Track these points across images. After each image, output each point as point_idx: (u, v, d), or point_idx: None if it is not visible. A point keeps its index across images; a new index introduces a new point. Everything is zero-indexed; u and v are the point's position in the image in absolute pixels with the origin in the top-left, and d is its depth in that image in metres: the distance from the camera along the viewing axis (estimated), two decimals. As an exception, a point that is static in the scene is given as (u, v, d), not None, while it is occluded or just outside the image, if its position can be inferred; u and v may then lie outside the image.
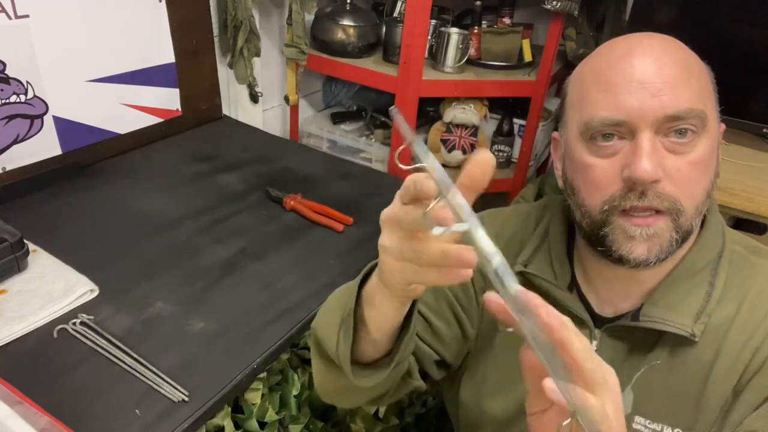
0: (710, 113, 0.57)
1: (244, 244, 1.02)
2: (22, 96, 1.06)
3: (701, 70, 0.59)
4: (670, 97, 0.54)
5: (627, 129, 0.56)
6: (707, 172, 0.58)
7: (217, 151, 1.35)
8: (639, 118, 0.54)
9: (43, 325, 0.80)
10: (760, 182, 1.39)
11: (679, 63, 0.56)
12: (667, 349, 0.62)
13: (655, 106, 0.54)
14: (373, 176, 1.37)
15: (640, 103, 0.54)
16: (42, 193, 1.11)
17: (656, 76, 0.55)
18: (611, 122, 0.56)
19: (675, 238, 0.57)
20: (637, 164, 0.54)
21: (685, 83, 0.55)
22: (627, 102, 0.55)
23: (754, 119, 1.54)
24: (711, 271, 0.62)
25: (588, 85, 0.59)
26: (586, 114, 0.58)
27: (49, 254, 0.93)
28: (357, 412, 1.01)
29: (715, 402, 0.59)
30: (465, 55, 1.55)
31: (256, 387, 0.82)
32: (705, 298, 0.60)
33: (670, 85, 0.54)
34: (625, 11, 1.77)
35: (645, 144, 0.54)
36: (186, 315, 0.86)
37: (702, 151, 0.56)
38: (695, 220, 0.58)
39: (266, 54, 1.62)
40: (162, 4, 1.27)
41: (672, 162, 0.55)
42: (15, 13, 1.01)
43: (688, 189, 0.56)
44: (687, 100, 0.55)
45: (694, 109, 0.55)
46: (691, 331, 0.59)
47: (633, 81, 0.55)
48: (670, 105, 0.54)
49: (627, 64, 0.56)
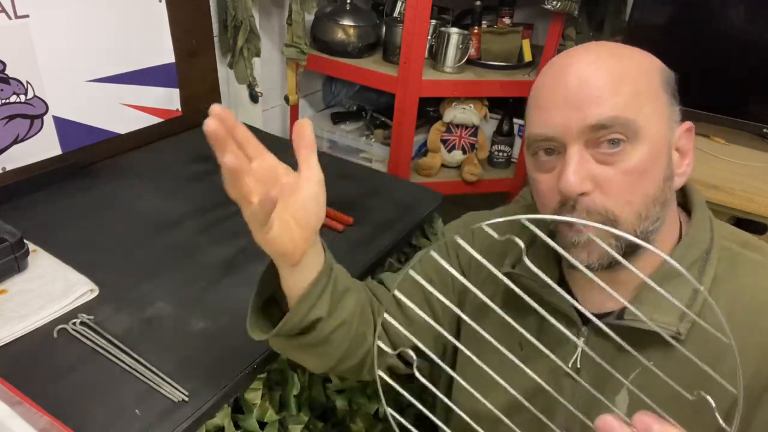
0: (646, 119, 0.57)
1: (244, 244, 1.02)
2: (22, 96, 1.06)
3: (641, 76, 0.58)
4: (593, 108, 0.55)
5: (559, 143, 0.58)
6: (646, 179, 0.58)
7: (217, 151, 1.35)
8: (565, 133, 0.57)
9: (43, 325, 0.80)
10: (760, 182, 1.39)
11: (606, 74, 0.57)
12: (659, 349, 0.61)
13: (579, 118, 0.55)
14: (373, 176, 1.37)
15: (566, 118, 0.56)
16: (42, 193, 1.11)
17: (580, 90, 0.56)
18: (542, 137, 0.59)
19: (615, 245, 0.57)
20: (563, 177, 0.56)
21: (612, 93, 0.56)
22: (554, 119, 0.57)
23: (754, 119, 1.54)
24: (698, 269, 0.62)
25: (530, 105, 0.62)
26: (528, 130, 0.61)
27: (49, 254, 0.93)
28: (357, 412, 1.01)
29: (716, 403, 0.59)
30: (465, 55, 1.55)
31: (256, 387, 0.82)
32: (692, 297, 0.60)
33: (593, 97, 0.55)
34: (625, 11, 1.77)
35: (572, 157, 0.56)
36: (186, 315, 0.86)
37: (636, 159, 0.56)
38: (640, 225, 0.58)
39: (266, 54, 1.62)
40: (162, 4, 1.27)
41: (602, 172, 0.56)
42: (15, 13, 1.01)
43: (623, 197, 0.57)
44: (611, 109, 0.55)
45: (619, 117, 0.55)
46: (676, 330, 0.59)
47: (559, 98, 0.57)
48: (591, 115, 0.55)
49: (557, 82, 0.58)
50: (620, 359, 0.63)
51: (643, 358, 0.54)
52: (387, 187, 1.27)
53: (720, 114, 1.54)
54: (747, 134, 1.59)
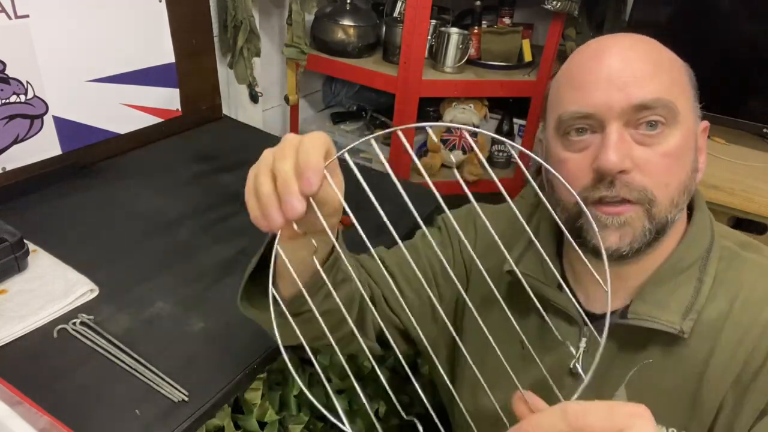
0: (682, 107, 0.57)
1: (244, 244, 1.02)
2: (22, 96, 1.06)
3: (674, 67, 0.59)
4: (636, 88, 0.55)
5: (596, 122, 0.57)
6: (681, 164, 0.58)
7: (217, 151, 1.35)
8: (606, 110, 0.56)
9: (43, 325, 0.80)
10: (760, 182, 1.39)
11: (647, 58, 0.57)
12: (659, 347, 0.61)
13: (621, 98, 0.55)
14: (373, 176, 1.37)
15: (608, 97, 0.56)
16: (42, 193, 1.11)
17: (623, 71, 0.56)
18: (580, 115, 0.58)
19: (648, 228, 0.57)
20: (603, 155, 0.55)
21: (653, 76, 0.56)
22: (594, 96, 0.57)
23: (754, 119, 1.54)
24: (699, 267, 0.62)
25: (562, 86, 0.61)
26: (560, 110, 0.60)
27: (49, 254, 0.93)
28: (357, 412, 1.01)
29: (711, 401, 0.59)
30: (465, 55, 1.55)
31: (256, 387, 0.82)
32: (693, 295, 0.60)
33: (637, 79, 0.56)
34: (625, 11, 1.77)
35: (612, 135, 0.56)
36: (186, 315, 0.86)
37: (674, 143, 0.57)
38: (671, 212, 0.58)
39: (266, 54, 1.62)
40: (162, 4, 1.27)
41: (641, 153, 0.56)
42: (15, 13, 1.01)
43: (661, 179, 0.57)
44: (654, 91, 0.55)
45: (662, 99, 0.55)
46: (679, 328, 0.59)
47: (601, 78, 0.57)
48: (636, 95, 0.55)
49: (596, 63, 0.58)
50: (620, 357, 0.63)
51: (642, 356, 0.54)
52: (387, 187, 1.26)
53: (720, 114, 1.54)
54: (747, 134, 1.59)
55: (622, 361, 0.63)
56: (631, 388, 0.63)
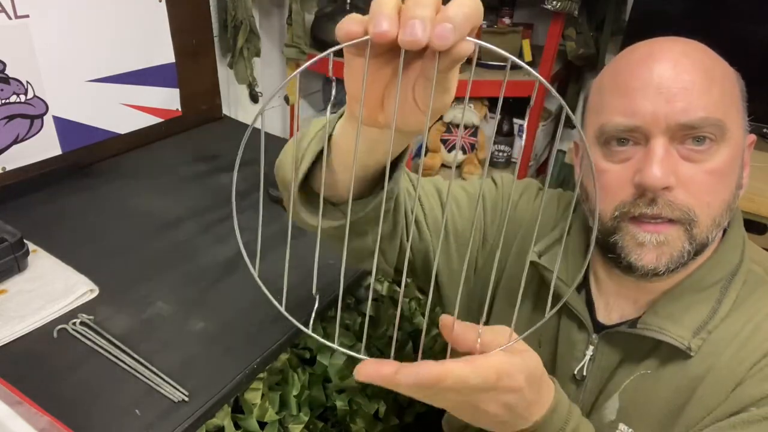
0: (731, 122, 0.55)
1: (244, 244, 1.02)
2: (22, 96, 1.06)
3: (726, 78, 0.56)
4: (684, 104, 0.52)
5: (641, 134, 0.54)
6: (726, 183, 0.56)
7: (217, 151, 1.35)
8: (652, 124, 0.53)
9: (43, 325, 0.80)
10: (760, 182, 1.39)
11: (699, 69, 0.54)
12: (659, 360, 0.60)
13: (669, 113, 0.52)
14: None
15: (655, 109, 0.53)
16: (42, 193, 1.11)
17: (673, 82, 0.53)
18: (625, 128, 0.55)
19: (687, 250, 0.55)
20: (647, 170, 0.52)
21: (703, 90, 0.53)
22: (642, 107, 0.53)
23: (754, 119, 1.54)
24: (721, 289, 0.59)
25: (606, 90, 0.58)
26: (603, 118, 0.57)
27: (49, 254, 0.93)
28: (357, 412, 1.01)
29: (692, 418, 0.57)
30: (465, 55, 1.55)
31: (256, 387, 0.82)
32: (709, 315, 0.58)
33: (686, 92, 0.53)
34: (625, 11, 1.78)
35: (657, 150, 0.53)
36: (186, 315, 0.86)
37: (721, 160, 0.54)
38: (712, 232, 0.56)
39: (266, 54, 1.62)
40: (162, 4, 1.27)
41: (687, 170, 0.54)
42: (15, 13, 1.01)
43: (704, 198, 0.54)
44: (703, 108, 0.53)
45: (710, 118, 0.53)
46: (688, 344, 0.57)
47: (650, 86, 0.54)
48: (684, 113, 0.52)
49: (645, 69, 0.55)
50: (622, 366, 0.63)
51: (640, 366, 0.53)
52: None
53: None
54: (747, 134, 1.59)
55: (624, 369, 0.62)
56: (626, 397, 0.62)
